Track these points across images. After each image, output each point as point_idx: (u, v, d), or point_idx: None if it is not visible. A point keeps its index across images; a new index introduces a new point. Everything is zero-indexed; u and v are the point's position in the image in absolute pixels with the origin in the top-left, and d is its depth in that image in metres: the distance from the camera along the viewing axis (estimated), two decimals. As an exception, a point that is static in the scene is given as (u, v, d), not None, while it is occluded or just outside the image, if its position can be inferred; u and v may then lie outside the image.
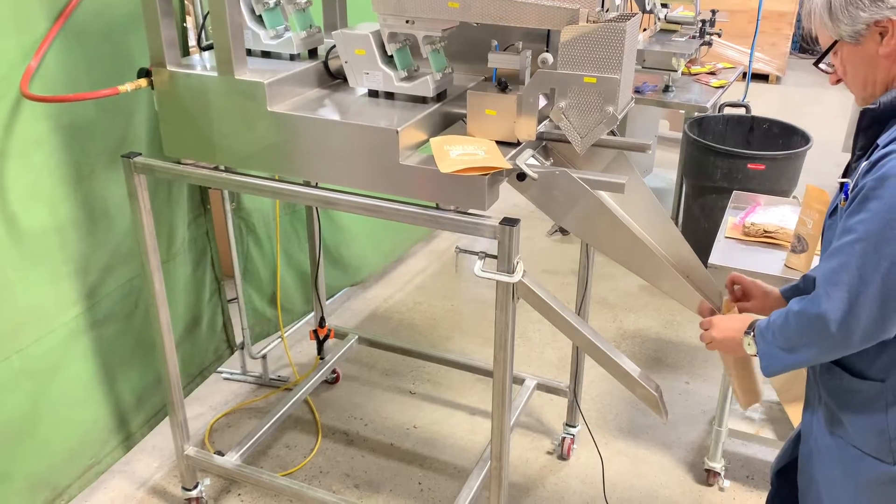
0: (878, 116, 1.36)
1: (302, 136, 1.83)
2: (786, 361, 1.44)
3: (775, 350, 1.45)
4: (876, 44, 1.33)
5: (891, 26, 1.30)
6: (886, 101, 1.34)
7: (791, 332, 1.41)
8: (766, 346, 1.47)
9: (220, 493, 2.64)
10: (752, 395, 1.78)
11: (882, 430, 1.41)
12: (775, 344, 1.45)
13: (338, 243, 3.39)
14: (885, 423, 1.41)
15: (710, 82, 4.08)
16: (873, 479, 1.46)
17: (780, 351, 1.44)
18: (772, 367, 1.47)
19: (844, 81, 1.44)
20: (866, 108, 1.38)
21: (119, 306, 2.41)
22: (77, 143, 2.14)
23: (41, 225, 2.09)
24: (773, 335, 1.46)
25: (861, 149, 1.41)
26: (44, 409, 2.21)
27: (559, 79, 1.66)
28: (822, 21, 1.38)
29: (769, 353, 1.47)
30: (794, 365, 1.44)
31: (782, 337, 1.43)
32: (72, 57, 2.05)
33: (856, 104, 1.47)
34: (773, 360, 1.47)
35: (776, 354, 1.45)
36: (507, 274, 1.72)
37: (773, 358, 1.46)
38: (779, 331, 1.44)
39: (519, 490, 2.66)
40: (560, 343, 3.39)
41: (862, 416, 1.44)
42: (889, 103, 1.34)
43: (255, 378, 3.18)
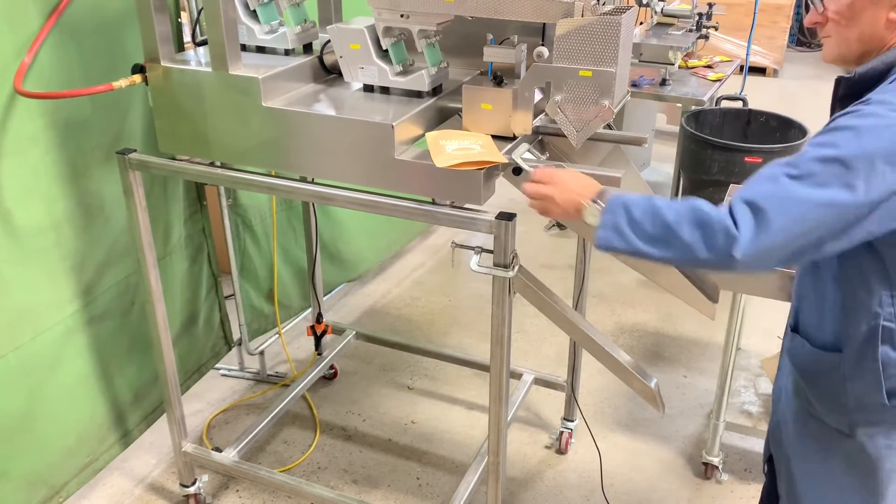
0: (853, 86, 1.34)
1: (297, 131, 1.82)
2: (637, 249, 1.34)
3: (631, 233, 1.34)
4: (890, 6, 1.29)
5: None
6: (862, 73, 1.32)
7: (674, 227, 1.30)
8: (620, 223, 1.35)
9: (218, 489, 2.64)
10: None
11: (842, 402, 1.42)
12: (636, 227, 1.33)
13: (335, 239, 3.39)
14: (844, 396, 1.42)
15: (707, 76, 4.08)
16: (834, 450, 1.47)
17: (640, 237, 1.33)
18: (612, 246, 1.37)
19: (823, 29, 1.38)
20: (841, 77, 1.36)
21: (115, 303, 2.40)
22: (72, 139, 2.13)
23: (37, 222, 2.09)
24: (642, 217, 1.33)
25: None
26: (41, 407, 2.20)
27: (555, 72, 1.66)
28: None
29: (620, 231, 1.35)
30: (639, 254, 1.35)
31: (656, 226, 1.32)
32: (66, 53, 2.04)
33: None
34: (620, 240, 1.35)
35: (630, 238, 1.34)
36: (504, 269, 1.71)
37: (622, 238, 1.35)
38: (657, 219, 1.32)
39: (517, 484, 2.67)
40: (557, 338, 3.40)
41: (822, 388, 1.45)
42: (864, 74, 1.32)
43: (253, 374, 3.18)
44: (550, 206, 1.49)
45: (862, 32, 1.33)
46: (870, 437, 1.42)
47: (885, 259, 1.32)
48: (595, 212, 1.40)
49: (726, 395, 2.54)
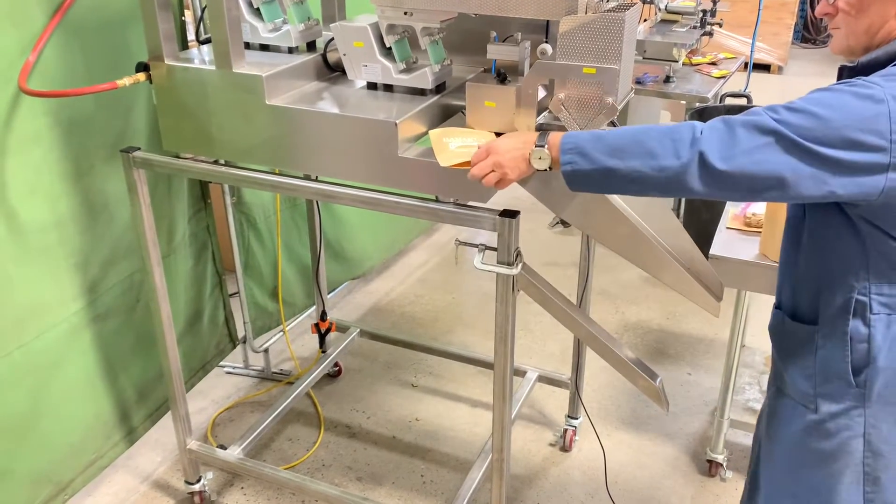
0: (855, 75, 1.34)
1: (301, 129, 1.82)
2: (603, 166, 1.33)
3: (594, 150, 1.34)
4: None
5: None
6: (864, 62, 1.33)
7: (639, 134, 1.32)
8: (582, 142, 1.36)
9: (223, 486, 2.65)
10: None
11: (810, 374, 1.46)
12: (599, 144, 1.34)
13: (339, 237, 3.39)
14: (813, 368, 1.45)
15: (711, 73, 4.07)
16: (798, 428, 1.50)
17: (603, 153, 1.33)
18: (580, 168, 1.36)
19: (832, 21, 1.39)
20: (843, 66, 1.37)
21: (120, 301, 2.41)
22: (76, 138, 2.13)
23: (41, 220, 2.09)
24: (603, 134, 1.35)
25: None
26: (46, 405, 2.21)
27: (558, 69, 1.65)
28: None
29: (582, 150, 1.35)
30: (606, 172, 1.34)
31: (619, 138, 1.33)
32: (70, 51, 2.04)
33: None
34: (585, 160, 1.35)
35: (594, 155, 1.34)
36: (508, 266, 1.71)
37: (586, 157, 1.34)
38: (617, 133, 1.34)
39: (521, 482, 2.67)
40: (561, 335, 3.39)
41: (793, 360, 1.49)
42: (866, 64, 1.33)
43: (258, 372, 3.19)
44: (501, 173, 1.49)
45: (871, 24, 1.34)
46: (831, 415, 1.45)
47: (863, 234, 1.34)
48: (543, 154, 1.42)
49: (731, 393, 2.54)
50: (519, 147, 1.47)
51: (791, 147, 1.24)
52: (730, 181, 1.27)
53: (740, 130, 1.26)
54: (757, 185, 1.27)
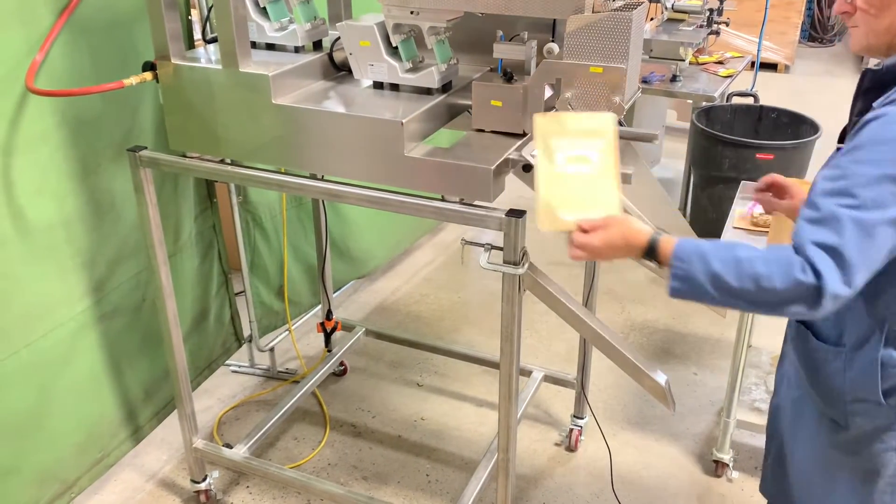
0: (879, 79, 1.32)
1: (307, 128, 1.82)
2: (711, 297, 1.28)
3: (709, 284, 1.27)
4: None
5: None
6: (890, 65, 1.30)
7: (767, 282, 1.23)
8: (698, 273, 1.28)
9: (228, 485, 2.65)
10: None
11: (839, 395, 1.44)
12: (719, 280, 1.27)
13: (344, 236, 3.39)
14: (842, 388, 1.43)
15: (717, 72, 4.06)
16: (828, 441, 1.50)
17: (717, 291, 1.27)
18: (683, 295, 1.31)
19: (851, 19, 1.35)
20: (867, 69, 1.35)
21: (126, 300, 2.41)
22: (83, 137, 2.14)
23: (48, 219, 2.10)
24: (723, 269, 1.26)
25: (858, 113, 1.37)
26: (52, 403, 2.22)
27: (565, 69, 1.65)
28: None
29: (694, 281, 1.28)
30: (714, 302, 1.29)
31: (738, 279, 1.25)
32: (77, 51, 2.05)
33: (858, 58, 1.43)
34: (692, 292, 1.29)
35: (706, 288, 1.27)
36: (514, 266, 1.71)
37: (695, 290, 1.29)
38: (742, 272, 1.25)
39: (527, 481, 2.66)
40: (568, 335, 3.39)
41: (822, 380, 1.47)
42: (892, 66, 1.30)
43: (263, 371, 3.19)
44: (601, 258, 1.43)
45: (892, 23, 1.31)
46: (864, 433, 1.45)
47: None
48: (652, 265, 1.36)
49: (737, 393, 2.53)
50: (623, 252, 1.39)
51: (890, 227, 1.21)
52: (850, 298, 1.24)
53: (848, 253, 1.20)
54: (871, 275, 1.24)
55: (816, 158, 3.67)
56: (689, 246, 1.31)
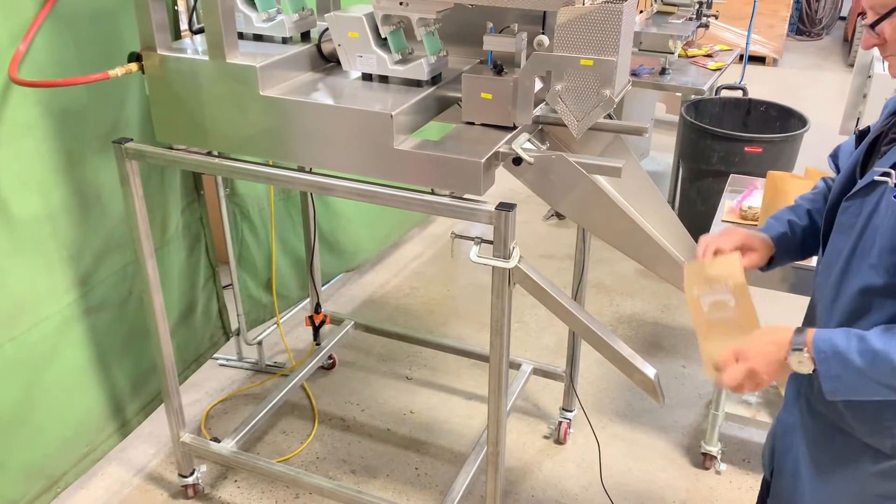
0: None
1: (295, 120, 1.81)
2: (867, 391, 1.29)
3: (860, 381, 1.28)
4: None
5: None
6: None
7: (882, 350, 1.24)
8: (846, 373, 1.29)
9: (216, 479, 2.64)
10: None
11: (885, 425, 1.39)
12: (866, 376, 1.28)
13: (333, 229, 3.38)
14: (889, 419, 1.38)
15: (706, 65, 4.06)
16: (867, 467, 1.43)
17: (870, 384, 1.27)
18: (840, 394, 1.31)
19: (884, 48, 1.33)
20: None
21: (113, 293, 2.39)
22: (68, 128, 2.11)
23: (33, 212, 2.07)
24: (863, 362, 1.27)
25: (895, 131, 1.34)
26: (38, 397, 2.20)
27: (555, 61, 1.64)
28: None
29: (847, 382, 1.29)
30: (865, 395, 1.31)
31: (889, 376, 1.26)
32: (61, 41, 2.02)
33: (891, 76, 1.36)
34: (847, 390, 1.30)
35: (859, 385, 1.29)
36: (504, 259, 1.70)
37: (851, 389, 1.30)
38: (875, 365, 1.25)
39: (516, 474, 2.67)
40: (556, 328, 3.39)
41: (863, 410, 1.40)
42: None
43: (251, 364, 3.18)
44: (757, 381, 1.36)
45: None
46: None
47: None
48: (803, 358, 1.31)
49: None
50: (773, 352, 1.34)
51: None
52: None
53: None
54: None
55: (804, 151, 3.68)
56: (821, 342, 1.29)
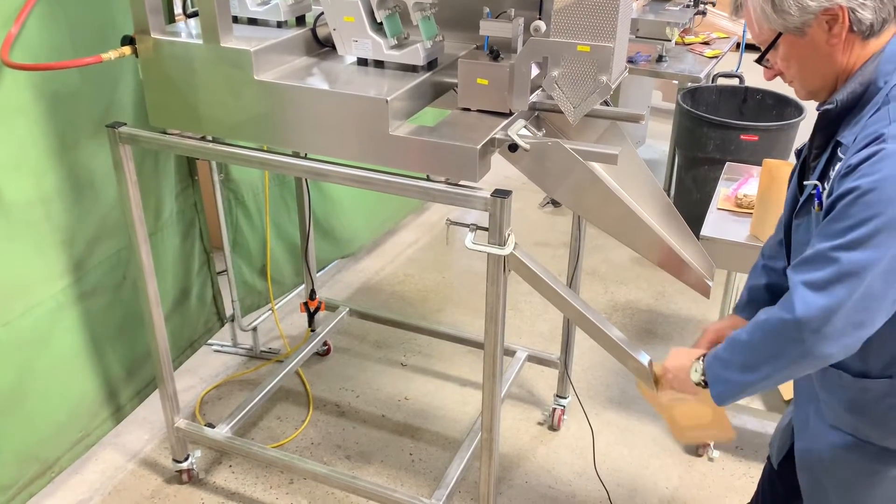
0: (836, 115, 1.31)
1: (290, 105, 1.80)
2: (743, 382, 1.37)
3: (731, 372, 1.39)
4: (824, 33, 1.26)
5: (841, 13, 1.23)
6: (842, 99, 1.29)
7: (754, 344, 1.34)
8: (719, 369, 1.41)
9: (211, 464, 2.64)
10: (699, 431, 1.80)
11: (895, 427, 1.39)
12: (732, 365, 1.39)
13: (328, 215, 3.37)
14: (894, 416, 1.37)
15: (703, 52, 4.05)
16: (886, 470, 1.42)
17: (737, 371, 1.37)
18: (726, 393, 1.41)
19: (783, 76, 1.36)
20: (824, 110, 1.32)
21: (107, 278, 2.39)
22: (61, 112, 2.10)
23: (26, 196, 2.06)
24: (730, 354, 1.39)
25: (818, 147, 1.37)
26: (32, 382, 2.19)
27: (552, 47, 1.63)
28: (762, 14, 1.29)
29: (722, 378, 1.41)
30: (752, 386, 1.37)
31: (742, 353, 1.37)
32: (54, 24, 2.00)
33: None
34: (728, 386, 1.40)
35: (731, 377, 1.39)
36: (499, 246, 1.70)
37: (727, 383, 1.40)
38: (738, 348, 1.38)
39: (509, 460, 2.68)
40: (551, 315, 3.40)
41: (874, 415, 1.40)
42: (845, 101, 1.29)
43: (246, 350, 3.18)
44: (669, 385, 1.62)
45: (814, 67, 1.32)
46: None
47: None
48: (698, 367, 1.49)
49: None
50: (685, 361, 1.55)
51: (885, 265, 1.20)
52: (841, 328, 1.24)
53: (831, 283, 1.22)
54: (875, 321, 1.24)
55: (800, 140, 3.67)
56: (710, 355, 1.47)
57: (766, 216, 2.25)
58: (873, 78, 1.27)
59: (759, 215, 2.28)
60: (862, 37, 1.27)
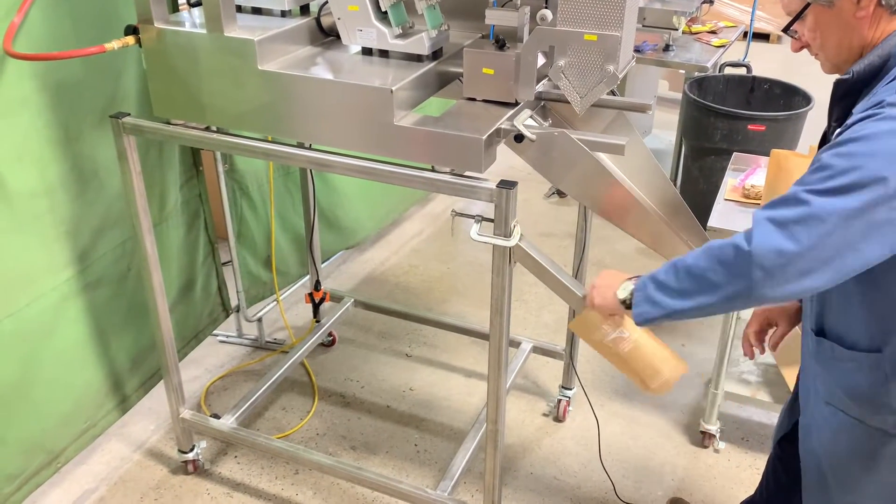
0: (852, 86, 1.32)
1: (294, 95, 1.78)
2: (672, 308, 1.36)
3: (662, 295, 1.37)
4: (852, 5, 1.28)
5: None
6: (859, 70, 1.30)
7: (697, 271, 1.31)
8: (652, 290, 1.40)
9: (216, 455, 2.65)
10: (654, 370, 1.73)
11: (884, 402, 1.38)
12: (666, 288, 1.37)
13: (333, 206, 3.36)
14: (887, 395, 1.37)
15: (710, 41, 4.02)
16: (878, 451, 1.43)
17: (670, 296, 1.36)
18: (650, 314, 1.41)
19: (810, 48, 1.38)
20: (840, 79, 1.34)
21: (112, 269, 2.38)
22: (65, 102, 2.09)
23: (30, 187, 2.06)
24: (667, 277, 1.37)
25: (836, 119, 1.38)
26: (37, 373, 2.19)
27: (559, 36, 1.61)
28: None
29: (652, 299, 1.39)
30: (679, 314, 1.36)
31: (681, 279, 1.34)
32: (57, 13, 1.99)
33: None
34: (654, 307, 1.39)
35: (662, 300, 1.37)
36: (504, 238, 1.69)
37: (655, 304, 1.39)
38: (680, 272, 1.35)
39: (514, 451, 2.67)
40: (556, 306, 3.39)
41: (862, 390, 1.40)
42: (862, 72, 1.29)
43: (251, 341, 3.18)
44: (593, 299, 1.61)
45: (839, 39, 1.33)
46: None
47: None
48: (628, 285, 1.49)
49: (725, 365, 2.54)
50: (613, 285, 1.55)
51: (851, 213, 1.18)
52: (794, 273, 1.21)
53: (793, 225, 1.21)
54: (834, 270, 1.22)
55: (808, 130, 3.65)
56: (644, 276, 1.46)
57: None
58: (893, 51, 1.27)
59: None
60: (890, 11, 1.27)
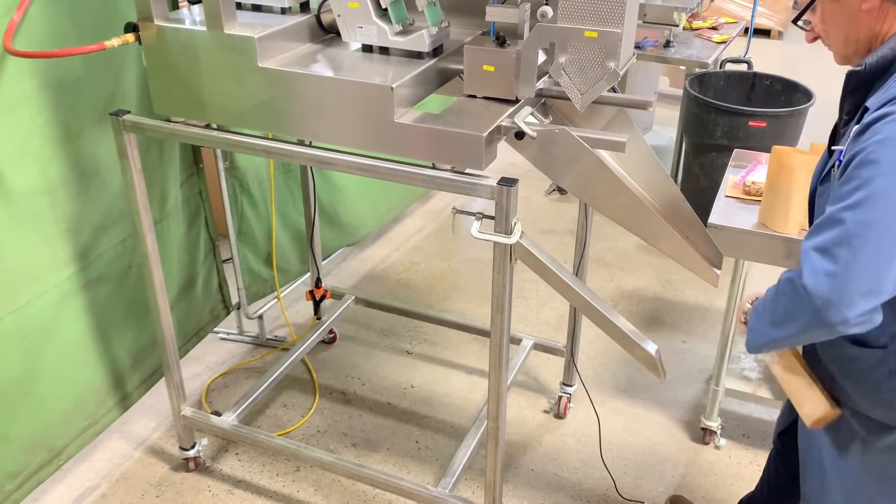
0: (863, 78, 1.32)
1: (294, 92, 1.78)
2: (769, 336, 1.39)
3: (763, 324, 1.40)
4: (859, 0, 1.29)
5: None
6: (872, 63, 1.30)
7: (777, 303, 1.35)
8: (755, 319, 1.43)
9: (217, 452, 2.65)
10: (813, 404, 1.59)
11: (886, 398, 1.39)
12: (765, 317, 1.40)
13: (333, 203, 3.36)
14: (890, 391, 1.38)
15: (711, 38, 4.01)
16: (875, 444, 1.44)
17: (768, 324, 1.39)
18: (755, 342, 1.43)
19: (823, 39, 1.40)
20: (852, 71, 1.34)
21: (112, 267, 2.38)
22: (65, 100, 2.09)
23: (31, 185, 2.06)
24: (763, 306, 1.41)
25: (848, 112, 1.38)
26: (39, 370, 2.20)
27: (559, 33, 1.61)
28: None
29: (756, 327, 1.43)
30: (777, 341, 1.38)
31: (771, 308, 1.38)
32: (56, 11, 1.99)
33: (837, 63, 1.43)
34: (757, 335, 1.42)
35: (763, 329, 1.40)
36: (505, 235, 1.69)
37: (758, 332, 1.42)
38: (769, 302, 1.39)
39: (516, 448, 2.68)
40: (557, 303, 3.39)
41: (865, 385, 1.42)
42: (874, 64, 1.30)
43: (252, 338, 3.18)
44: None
45: (847, 32, 1.34)
46: None
47: None
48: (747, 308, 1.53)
49: (726, 361, 2.54)
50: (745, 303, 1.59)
51: None
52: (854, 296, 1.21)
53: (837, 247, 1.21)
54: None
55: (809, 126, 3.65)
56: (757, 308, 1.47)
57: (774, 204, 2.23)
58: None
59: (768, 203, 2.26)
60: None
